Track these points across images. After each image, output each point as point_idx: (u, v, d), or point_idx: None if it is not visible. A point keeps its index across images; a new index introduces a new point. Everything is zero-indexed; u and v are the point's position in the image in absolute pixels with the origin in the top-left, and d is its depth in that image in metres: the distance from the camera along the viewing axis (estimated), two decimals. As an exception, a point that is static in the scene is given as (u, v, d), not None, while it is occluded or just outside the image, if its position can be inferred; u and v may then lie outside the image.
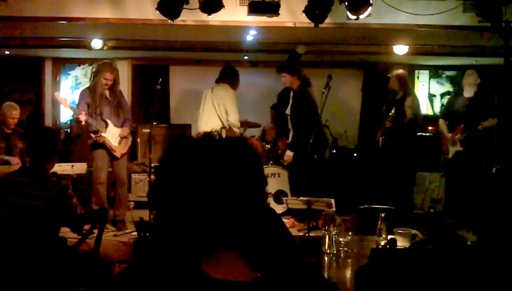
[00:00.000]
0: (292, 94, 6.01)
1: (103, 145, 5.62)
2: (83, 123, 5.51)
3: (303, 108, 5.84)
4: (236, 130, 6.24)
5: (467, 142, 5.93)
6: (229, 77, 6.23)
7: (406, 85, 6.24)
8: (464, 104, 6.06)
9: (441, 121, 6.36)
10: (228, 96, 6.13)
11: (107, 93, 5.67)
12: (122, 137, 5.74)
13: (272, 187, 6.22)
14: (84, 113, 5.45)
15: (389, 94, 6.31)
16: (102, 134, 5.56)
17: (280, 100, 6.63)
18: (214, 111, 6.14)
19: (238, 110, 6.20)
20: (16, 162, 5.46)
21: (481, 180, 5.58)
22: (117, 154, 5.69)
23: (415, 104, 6.19)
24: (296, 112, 5.92)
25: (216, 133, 1.17)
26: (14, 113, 5.78)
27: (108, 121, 5.63)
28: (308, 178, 5.73)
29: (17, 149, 5.63)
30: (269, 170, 6.35)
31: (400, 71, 6.38)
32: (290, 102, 6.00)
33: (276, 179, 6.37)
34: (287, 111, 6.04)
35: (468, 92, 6.07)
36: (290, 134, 6.09)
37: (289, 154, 5.94)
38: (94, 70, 5.90)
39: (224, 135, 1.16)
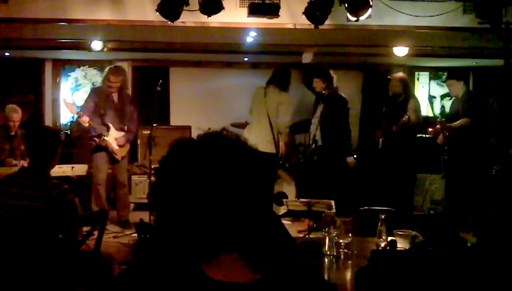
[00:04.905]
0: (320, 100, 5.97)
1: (105, 148, 5.70)
2: (86, 125, 5.58)
3: (337, 111, 5.85)
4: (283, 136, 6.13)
5: (448, 141, 6.04)
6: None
7: (408, 87, 6.28)
8: (454, 106, 6.22)
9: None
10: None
11: (114, 96, 5.80)
12: (119, 145, 5.79)
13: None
14: (86, 117, 5.50)
15: (391, 96, 6.31)
16: (105, 138, 5.66)
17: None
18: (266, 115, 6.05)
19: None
20: (15, 163, 5.46)
21: (481, 182, 5.59)
22: (118, 157, 5.77)
23: (418, 107, 6.23)
24: (329, 116, 5.85)
25: (224, 130, 1.17)
26: (14, 115, 5.77)
27: (110, 125, 5.72)
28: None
29: (19, 151, 5.64)
30: None
31: (401, 74, 6.45)
32: (322, 108, 5.91)
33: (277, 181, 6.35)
34: (316, 116, 5.97)
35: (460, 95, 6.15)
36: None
37: (350, 159, 6.00)
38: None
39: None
